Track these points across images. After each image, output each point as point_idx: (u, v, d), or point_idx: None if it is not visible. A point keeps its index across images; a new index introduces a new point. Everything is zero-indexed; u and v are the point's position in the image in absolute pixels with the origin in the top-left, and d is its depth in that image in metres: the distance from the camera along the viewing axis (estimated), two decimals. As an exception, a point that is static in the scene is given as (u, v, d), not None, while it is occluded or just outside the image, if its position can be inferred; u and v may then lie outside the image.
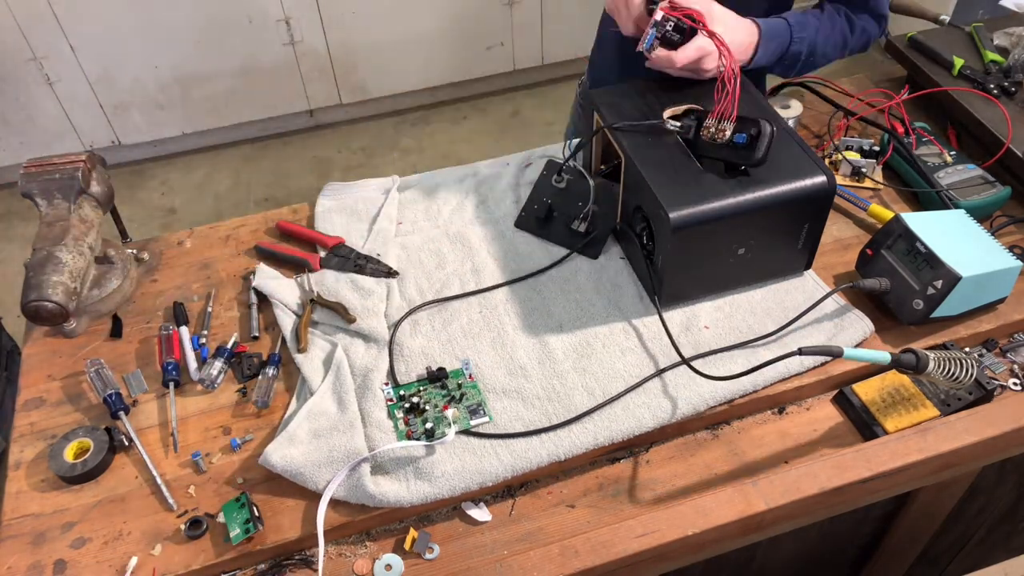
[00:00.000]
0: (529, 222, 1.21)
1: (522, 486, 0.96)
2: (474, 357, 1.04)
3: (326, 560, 0.90)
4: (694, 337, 1.05)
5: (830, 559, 1.26)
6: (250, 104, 3.09)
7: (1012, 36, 1.41)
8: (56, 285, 1.02)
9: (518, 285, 1.13)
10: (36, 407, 1.03)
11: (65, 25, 2.68)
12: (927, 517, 1.19)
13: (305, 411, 0.98)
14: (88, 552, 0.89)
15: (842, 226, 1.22)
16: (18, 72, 2.75)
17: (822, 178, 1.01)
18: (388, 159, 3.17)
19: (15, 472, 0.97)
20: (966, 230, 1.09)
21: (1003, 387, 1.03)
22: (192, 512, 0.92)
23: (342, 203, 1.27)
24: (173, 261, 1.22)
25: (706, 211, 0.98)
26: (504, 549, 0.90)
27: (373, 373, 1.02)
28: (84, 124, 2.95)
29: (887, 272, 1.07)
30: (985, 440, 0.95)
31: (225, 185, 3.07)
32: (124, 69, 2.85)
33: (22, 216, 2.96)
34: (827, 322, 1.07)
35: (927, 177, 1.22)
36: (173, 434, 0.99)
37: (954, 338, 1.07)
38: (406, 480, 0.92)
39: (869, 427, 0.99)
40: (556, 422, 0.96)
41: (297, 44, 2.96)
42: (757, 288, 1.11)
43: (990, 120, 1.27)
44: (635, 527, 0.88)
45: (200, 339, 1.09)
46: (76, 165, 1.11)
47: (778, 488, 0.91)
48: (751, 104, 1.11)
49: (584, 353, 1.04)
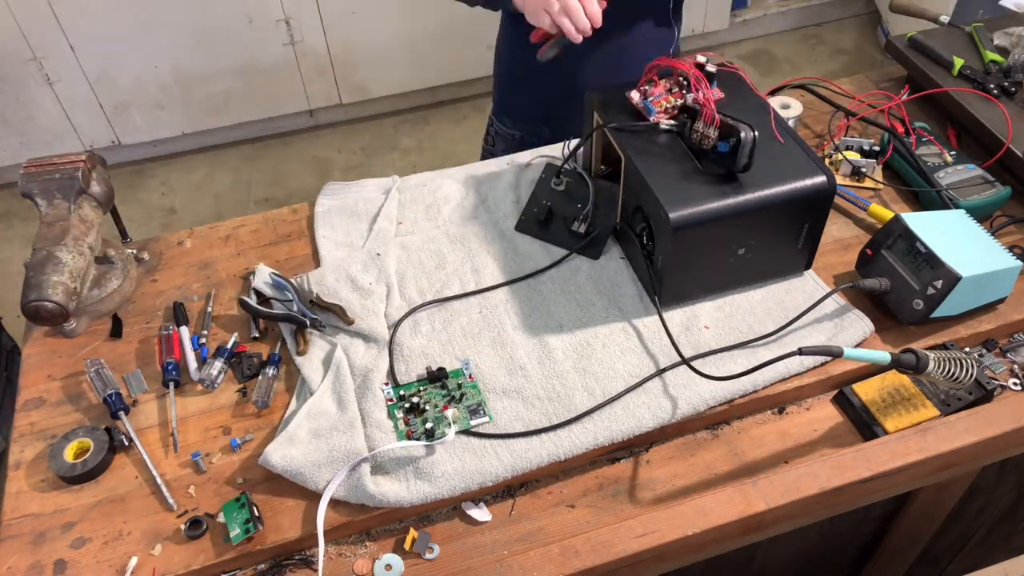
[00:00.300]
0: (529, 225, 1.21)
1: (522, 486, 0.96)
2: (474, 357, 1.04)
3: (326, 560, 0.90)
4: (694, 337, 1.05)
5: (830, 559, 1.26)
6: (250, 104, 3.08)
7: (1012, 36, 1.41)
8: (56, 285, 1.02)
9: (518, 285, 1.13)
10: (36, 407, 1.03)
11: (65, 25, 2.68)
12: (927, 517, 1.19)
13: (305, 411, 0.98)
14: (88, 552, 0.89)
15: (842, 226, 1.22)
16: (18, 72, 2.75)
17: (822, 178, 1.01)
18: (388, 159, 3.16)
19: (15, 472, 0.97)
20: (966, 230, 1.09)
21: (1003, 387, 1.03)
22: (192, 512, 0.92)
23: (342, 203, 1.27)
24: (173, 261, 1.22)
25: (706, 211, 0.98)
26: (504, 549, 0.90)
27: (373, 373, 1.02)
28: (84, 124, 2.95)
29: (887, 272, 1.07)
30: (985, 440, 0.95)
31: (225, 185, 3.07)
32: (124, 69, 2.85)
33: (22, 216, 2.96)
34: (827, 322, 1.07)
35: (927, 177, 1.22)
36: (173, 434, 0.99)
37: (954, 338, 1.07)
38: (406, 480, 0.92)
39: (869, 427, 0.99)
40: (556, 422, 0.96)
41: (297, 44, 2.96)
42: (757, 288, 1.11)
43: (990, 120, 1.27)
44: (635, 527, 0.88)
45: (200, 339, 1.09)
46: (76, 165, 1.10)
47: (778, 488, 0.91)
48: (742, 97, 1.11)
49: (584, 353, 1.04)
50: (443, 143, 3.23)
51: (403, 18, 3.01)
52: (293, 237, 1.24)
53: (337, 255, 1.19)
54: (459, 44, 3.16)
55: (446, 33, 3.10)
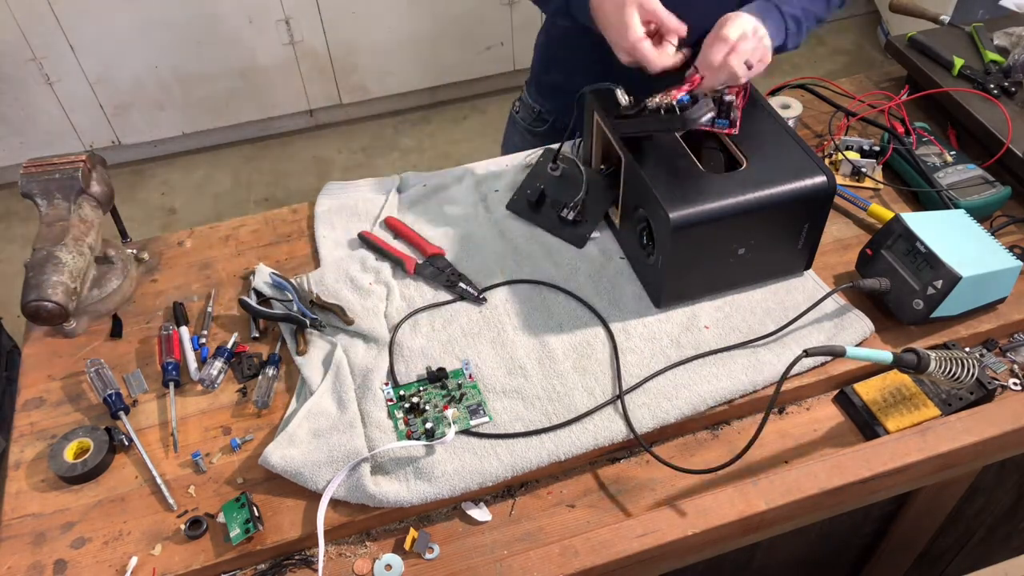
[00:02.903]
0: (520, 205, 1.22)
1: (522, 486, 0.96)
2: (474, 357, 1.04)
3: (326, 560, 0.90)
4: (694, 337, 1.05)
5: (830, 559, 1.26)
6: (250, 104, 3.08)
7: (1012, 36, 1.41)
8: (56, 285, 1.02)
9: (518, 285, 1.13)
10: (36, 407, 1.03)
11: (65, 25, 2.68)
12: (927, 517, 1.19)
13: (304, 411, 0.98)
14: (88, 552, 0.89)
15: (842, 226, 1.22)
16: (18, 72, 2.75)
17: (822, 178, 1.01)
18: (388, 159, 3.16)
19: (15, 472, 0.97)
20: (966, 230, 1.09)
21: (1003, 387, 1.03)
22: (192, 512, 0.92)
23: (342, 203, 1.27)
24: (173, 261, 1.22)
25: (706, 211, 0.98)
26: (504, 549, 0.90)
27: (373, 373, 1.02)
28: (84, 124, 2.95)
29: (887, 272, 1.07)
30: (985, 440, 0.95)
31: (225, 185, 3.07)
32: (124, 69, 2.85)
33: (22, 216, 2.96)
34: (827, 322, 1.07)
35: (927, 177, 1.21)
36: (173, 434, 0.99)
37: (954, 338, 1.07)
38: (406, 480, 0.92)
39: (870, 427, 0.99)
40: (556, 422, 0.96)
41: (297, 44, 2.96)
42: (757, 288, 1.11)
43: (990, 120, 1.27)
44: (635, 527, 0.88)
45: (200, 339, 1.09)
46: (76, 165, 1.10)
47: (778, 488, 0.91)
48: (754, 106, 1.11)
49: (584, 353, 1.04)
50: (443, 143, 3.23)
51: (403, 18, 3.01)
52: (293, 237, 1.24)
53: (337, 255, 1.19)
54: (459, 44, 3.16)
55: (446, 33, 3.10)
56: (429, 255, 1.16)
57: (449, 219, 1.24)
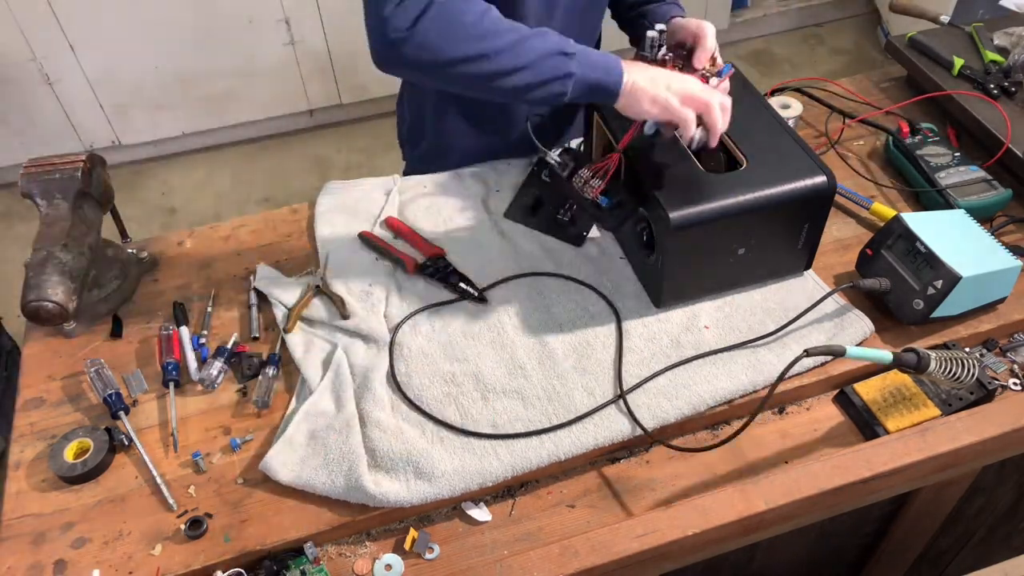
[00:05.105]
0: (517, 213, 1.23)
1: (522, 486, 0.96)
2: (474, 357, 1.04)
3: (326, 560, 0.90)
4: (694, 337, 1.05)
5: (830, 559, 1.26)
6: (250, 104, 3.08)
7: (1012, 36, 1.41)
8: (56, 285, 1.02)
9: (518, 285, 1.13)
10: (36, 407, 1.03)
11: (65, 25, 2.68)
12: (927, 517, 1.19)
13: (303, 412, 0.98)
14: (88, 552, 0.89)
15: (842, 226, 1.22)
16: (18, 72, 2.75)
17: (822, 178, 1.01)
18: (388, 159, 3.16)
19: (15, 472, 0.97)
20: (966, 230, 1.09)
21: (1003, 387, 1.03)
22: (192, 512, 0.92)
23: (342, 203, 1.27)
24: (173, 261, 1.21)
25: (706, 211, 0.98)
26: (504, 549, 0.90)
27: (373, 373, 1.02)
28: (84, 124, 2.94)
29: (887, 272, 1.07)
30: (985, 440, 0.95)
31: (225, 185, 3.07)
32: (124, 69, 2.85)
33: (22, 216, 2.96)
34: (827, 322, 1.07)
35: (928, 177, 1.21)
36: (173, 434, 0.99)
37: (954, 338, 1.07)
38: (406, 480, 0.92)
39: (870, 427, 0.99)
40: (556, 422, 0.96)
41: (297, 44, 2.96)
42: (757, 288, 1.11)
43: (990, 120, 1.27)
44: (635, 527, 0.88)
45: (200, 339, 1.09)
46: (76, 165, 1.10)
47: (778, 488, 0.91)
48: (754, 106, 1.11)
49: (584, 353, 1.04)
50: (443, 143, 3.22)
51: (403, 18, 3.01)
52: (293, 237, 1.24)
53: (337, 255, 1.19)
54: (459, 44, 3.15)
55: (446, 33, 3.10)
56: (429, 255, 1.16)
57: (449, 219, 1.24)
